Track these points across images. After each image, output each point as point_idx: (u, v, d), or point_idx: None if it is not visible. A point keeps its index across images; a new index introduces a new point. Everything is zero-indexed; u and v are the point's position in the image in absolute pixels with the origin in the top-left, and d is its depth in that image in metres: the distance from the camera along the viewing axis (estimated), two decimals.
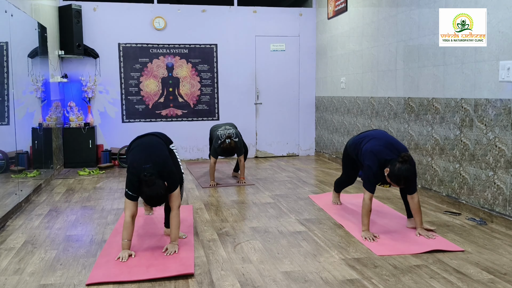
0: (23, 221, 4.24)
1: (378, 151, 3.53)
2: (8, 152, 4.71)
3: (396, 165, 3.37)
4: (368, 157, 3.58)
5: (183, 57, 7.68)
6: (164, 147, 3.55)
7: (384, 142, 3.62)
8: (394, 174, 3.39)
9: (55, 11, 6.90)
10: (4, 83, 4.70)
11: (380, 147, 3.56)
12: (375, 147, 3.57)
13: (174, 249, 3.30)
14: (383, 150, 3.52)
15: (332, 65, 7.42)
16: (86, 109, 7.34)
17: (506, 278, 2.87)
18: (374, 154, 3.53)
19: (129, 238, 3.26)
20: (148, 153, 3.35)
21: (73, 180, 6.21)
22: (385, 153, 3.50)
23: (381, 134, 3.84)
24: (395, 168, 3.37)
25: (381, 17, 5.81)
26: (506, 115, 3.82)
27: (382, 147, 3.55)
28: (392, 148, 3.55)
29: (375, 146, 3.57)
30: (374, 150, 3.55)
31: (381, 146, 3.57)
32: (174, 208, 3.35)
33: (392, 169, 3.40)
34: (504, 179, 3.87)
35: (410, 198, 3.65)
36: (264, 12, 7.89)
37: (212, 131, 5.98)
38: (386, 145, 3.57)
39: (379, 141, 3.64)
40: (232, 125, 6.03)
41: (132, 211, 3.24)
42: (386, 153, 3.49)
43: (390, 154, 3.48)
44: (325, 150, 7.83)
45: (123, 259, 3.16)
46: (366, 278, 2.91)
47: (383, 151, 3.52)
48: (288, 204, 4.80)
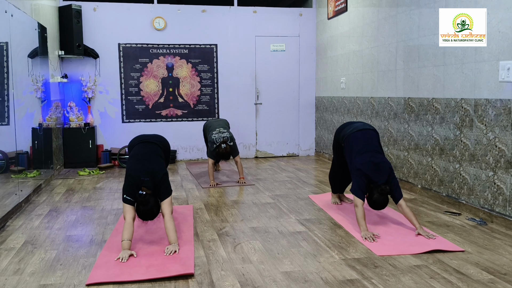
0: (23, 221, 4.24)
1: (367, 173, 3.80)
2: (8, 152, 4.71)
3: (374, 194, 3.73)
4: (355, 172, 3.87)
5: (183, 57, 7.68)
6: (162, 159, 3.75)
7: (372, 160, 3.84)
8: (371, 201, 3.77)
9: (55, 11, 6.90)
10: (4, 83, 4.70)
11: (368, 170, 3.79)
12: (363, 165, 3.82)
13: (174, 248, 3.32)
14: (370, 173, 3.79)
15: (332, 65, 7.42)
16: (86, 109, 7.34)
17: (506, 278, 2.87)
18: (361, 172, 3.81)
19: (129, 238, 3.29)
20: (148, 165, 3.50)
21: (73, 180, 6.21)
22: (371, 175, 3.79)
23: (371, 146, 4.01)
24: (373, 196, 3.74)
25: (381, 17, 5.81)
26: (506, 115, 3.82)
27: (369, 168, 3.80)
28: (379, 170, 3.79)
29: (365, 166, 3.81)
30: (362, 169, 3.81)
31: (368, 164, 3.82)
32: (167, 214, 3.43)
33: (370, 196, 3.77)
34: (504, 179, 3.87)
35: (399, 207, 3.79)
36: (264, 12, 7.89)
37: (206, 131, 6.04)
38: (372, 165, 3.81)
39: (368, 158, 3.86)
40: (225, 123, 6.09)
41: (132, 214, 3.38)
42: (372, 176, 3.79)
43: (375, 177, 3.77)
44: (325, 150, 7.83)
45: (123, 259, 3.17)
46: (366, 278, 2.91)
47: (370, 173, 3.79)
48: (288, 204, 4.80)
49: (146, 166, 3.49)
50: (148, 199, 3.34)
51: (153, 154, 3.68)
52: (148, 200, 3.34)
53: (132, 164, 3.58)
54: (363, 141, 4.06)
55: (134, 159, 3.63)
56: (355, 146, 4.04)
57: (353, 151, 4.02)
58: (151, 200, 3.36)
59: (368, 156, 3.89)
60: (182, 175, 6.53)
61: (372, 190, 3.76)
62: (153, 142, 3.83)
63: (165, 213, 3.44)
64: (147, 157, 3.62)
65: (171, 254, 3.26)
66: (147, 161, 3.57)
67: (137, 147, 3.79)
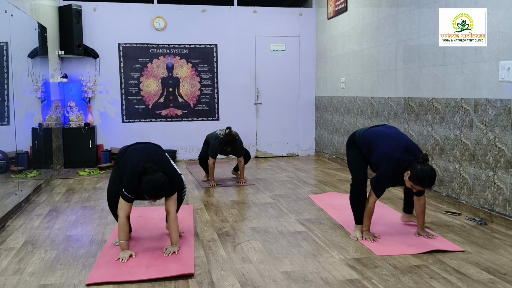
0: (23, 221, 4.24)
1: (398, 156, 3.34)
2: (8, 152, 4.71)
3: (417, 167, 3.22)
4: (386, 161, 3.39)
5: (183, 57, 7.68)
6: (163, 152, 3.53)
7: (401, 143, 3.43)
8: (417, 176, 3.21)
9: (55, 11, 6.90)
10: (4, 83, 4.70)
11: (397, 151, 3.37)
12: (394, 151, 3.38)
13: (174, 249, 3.30)
14: (401, 154, 3.34)
15: (332, 65, 7.42)
16: (86, 109, 7.34)
17: (506, 278, 2.87)
18: (392, 160, 3.35)
19: (126, 238, 3.25)
20: (149, 154, 3.32)
21: (73, 180, 6.21)
22: (404, 156, 3.33)
23: (395, 133, 3.62)
24: (417, 169, 3.21)
25: (381, 17, 5.82)
26: (506, 115, 3.82)
27: (400, 151, 3.36)
28: (410, 149, 3.39)
29: (393, 150, 3.38)
30: (393, 156, 3.36)
31: (399, 149, 3.38)
32: (172, 212, 3.31)
33: (414, 171, 3.23)
34: (504, 179, 3.87)
35: (416, 200, 3.58)
36: (264, 12, 7.89)
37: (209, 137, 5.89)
38: (403, 147, 3.39)
39: (397, 143, 3.44)
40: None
41: (127, 212, 3.22)
42: (405, 156, 3.32)
43: (409, 156, 3.32)
44: (325, 150, 7.83)
45: (123, 260, 3.16)
46: (366, 278, 2.91)
47: (401, 155, 3.34)
48: (288, 204, 4.80)
49: (147, 155, 3.27)
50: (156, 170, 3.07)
51: (152, 146, 3.49)
52: (156, 171, 3.06)
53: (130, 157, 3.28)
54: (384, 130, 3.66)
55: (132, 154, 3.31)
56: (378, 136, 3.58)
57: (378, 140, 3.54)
58: (160, 174, 3.06)
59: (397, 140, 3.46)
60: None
61: (410, 166, 3.25)
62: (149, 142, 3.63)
63: (171, 211, 3.29)
64: (146, 149, 3.38)
65: (170, 255, 3.25)
66: (148, 152, 3.34)
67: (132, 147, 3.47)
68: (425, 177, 3.20)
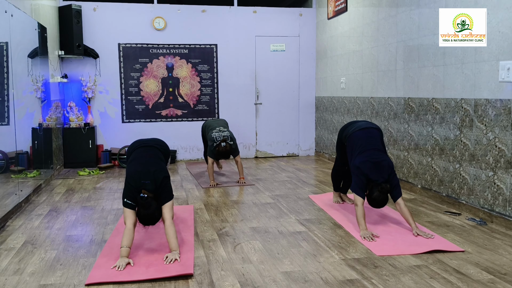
0: (23, 221, 4.24)
1: (365, 170, 3.81)
2: (8, 152, 4.70)
3: (374, 192, 3.73)
4: (355, 171, 3.87)
5: (183, 57, 7.68)
6: (163, 162, 3.67)
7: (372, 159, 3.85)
8: (372, 199, 3.76)
9: (55, 11, 6.90)
10: (4, 83, 4.70)
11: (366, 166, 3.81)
12: (363, 163, 3.83)
13: (175, 256, 3.19)
14: (369, 172, 3.80)
15: (332, 65, 7.42)
16: (86, 109, 7.34)
17: (506, 278, 2.87)
18: (361, 171, 3.82)
19: (128, 245, 3.18)
20: (149, 168, 3.42)
21: (73, 180, 6.21)
22: (370, 174, 3.79)
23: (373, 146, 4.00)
24: (373, 194, 3.74)
25: (381, 17, 5.81)
26: (506, 115, 3.82)
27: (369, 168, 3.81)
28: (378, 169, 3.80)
29: (363, 163, 3.84)
30: (362, 167, 3.82)
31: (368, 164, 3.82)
32: (167, 219, 3.30)
33: (370, 194, 3.77)
34: (504, 179, 3.86)
35: (397, 205, 3.79)
36: (264, 12, 7.89)
37: (206, 130, 6.00)
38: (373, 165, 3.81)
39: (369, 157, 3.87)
40: (225, 123, 6.08)
41: (133, 220, 3.27)
42: (371, 175, 3.79)
43: (375, 176, 3.78)
44: (325, 150, 7.83)
45: (120, 268, 3.04)
46: (366, 278, 2.91)
47: (368, 172, 3.80)
48: (288, 204, 4.80)
49: (147, 169, 3.40)
50: (149, 202, 3.24)
51: (154, 157, 3.61)
52: (149, 203, 3.24)
53: (132, 167, 3.48)
54: (365, 139, 4.05)
55: (135, 163, 3.54)
56: (357, 144, 4.04)
57: (354, 150, 4.02)
58: (153, 204, 3.26)
59: (369, 154, 3.89)
60: (182, 175, 6.53)
61: (372, 188, 3.75)
62: (153, 146, 3.75)
63: (166, 218, 3.31)
64: (147, 161, 3.54)
65: (171, 263, 3.14)
66: (148, 164, 3.49)
67: (137, 151, 3.69)
68: (377, 203, 3.77)
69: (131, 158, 3.64)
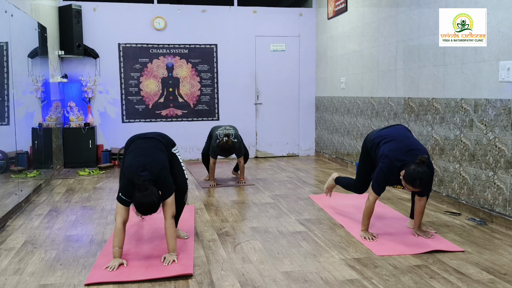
0: (23, 221, 4.24)
1: (394, 156, 3.40)
2: (8, 152, 4.71)
3: (411, 166, 3.25)
4: (382, 160, 3.47)
5: (183, 57, 7.68)
6: (164, 153, 3.36)
7: (403, 145, 3.46)
8: (409, 175, 3.25)
9: (55, 11, 6.90)
10: (4, 83, 4.70)
11: (396, 152, 3.41)
12: (391, 151, 3.43)
13: (172, 258, 3.14)
14: (399, 155, 3.39)
15: (332, 65, 7.42)
16: (86, 109, 7.34)
17: (506, 278, 2.87)
18: (389, 158, 3.41)
19: (120, 245, 3.09)
20: (146, 159, 3.17)
21: (73, 180, 6.21)
22: (401, 157, 3.38)
23: (401, 135, 3.64)
24: (410, 169, 3.25)
25: (381, 17, 5.82)
26: (506, 115, 3.82)
27: (399, 152, 3.41)
28: (411, 152, 3.41)
29: (392, 151, 3.43)
30: (390, 155, 3.41)
31: (399, 150, 3.43)
32: (168, 217, 3.16)
33: (407, 171, 3.27)
34: (504, 179, 3.87)
35: (417, 199, 3.60)
36: (264, 12, 7.89)
37: (212, 131, 5.95)
38: (404, 149, 3.43)
39: (398, 144, 3.48)
40: (233, 127, 6.01)
41: (123, 217, 3.09)
42: (402, 157, 3.37)
43: (408, 157, 3.35)
44: (325, 150, 7.83)
45: (113, 269, 3.01)
46: (366, 278, 2.91)
47: (399, 155, 3.39)
48: (288, 204, 4.80)
49: (143, 160, 3.14)
50: (147, 185, 2.96)
51: (152, 148, 3.32)
52: (147, 186, 2.96)
53: (128, 159, 3.23)
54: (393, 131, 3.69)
55: (131, 155, 3.27)
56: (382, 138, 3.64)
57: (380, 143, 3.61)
58: (151, 188, 2.97)
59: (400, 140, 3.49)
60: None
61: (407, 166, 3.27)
62: (153, 137, 3.49)
63: (166, 216, 3.15)
64: (145, 152, 3.26)
65: (169, 264, 3.09)
66: (145, 155, 3.21)
67: (135, 143, 3.41)
68: (415, 178, 3.23)
69: (129, 150, 3.37)
